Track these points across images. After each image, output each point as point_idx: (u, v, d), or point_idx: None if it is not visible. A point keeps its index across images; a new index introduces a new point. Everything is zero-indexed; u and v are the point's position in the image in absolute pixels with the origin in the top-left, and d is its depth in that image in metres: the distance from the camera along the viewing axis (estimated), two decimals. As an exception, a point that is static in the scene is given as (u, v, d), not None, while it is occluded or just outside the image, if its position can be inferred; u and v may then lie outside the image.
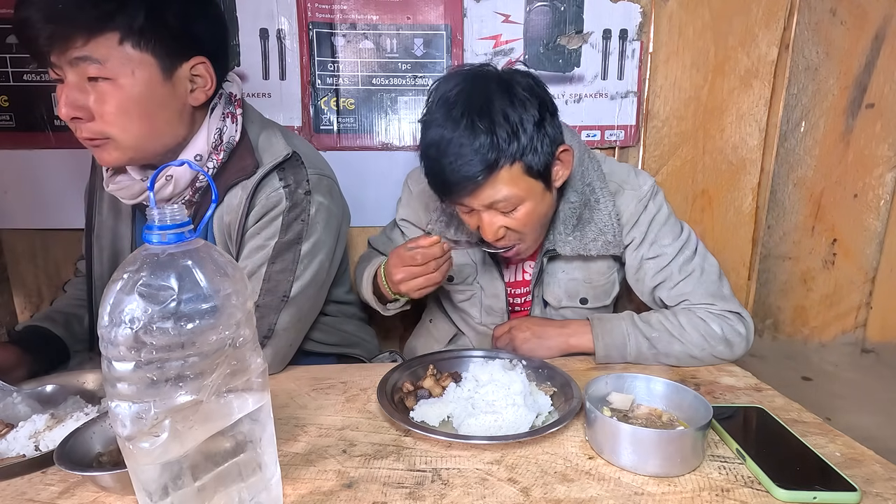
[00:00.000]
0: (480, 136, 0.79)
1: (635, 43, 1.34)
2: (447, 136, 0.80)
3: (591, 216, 0.95)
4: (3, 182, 1.33)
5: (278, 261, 0.87)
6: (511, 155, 0.81)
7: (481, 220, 0.87)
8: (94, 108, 0.74)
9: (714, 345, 0.88)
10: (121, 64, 0.73)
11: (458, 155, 0.80)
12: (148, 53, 0.75)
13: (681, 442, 0.59)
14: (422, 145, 0.86)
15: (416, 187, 1.08)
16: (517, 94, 0.81)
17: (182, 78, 0.79)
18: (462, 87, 0.82)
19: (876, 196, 1.53)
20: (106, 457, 0.61)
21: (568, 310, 1.04)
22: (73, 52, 0.71)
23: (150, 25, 0.73)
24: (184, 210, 0.45)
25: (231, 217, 0.87)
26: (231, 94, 0.89)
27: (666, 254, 0.94)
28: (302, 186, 0.88)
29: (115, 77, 0.73)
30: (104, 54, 0.72)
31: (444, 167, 0.81)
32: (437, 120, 0.82)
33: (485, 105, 0.80)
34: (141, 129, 0.77)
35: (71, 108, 0.73)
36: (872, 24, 1.42)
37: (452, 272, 1.05)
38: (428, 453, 0.64)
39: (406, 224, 1.12)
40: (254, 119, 0.92)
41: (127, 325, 0.41)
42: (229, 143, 0.86)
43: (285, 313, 0.87)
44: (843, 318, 1.62)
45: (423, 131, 0.85)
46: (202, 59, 0.80)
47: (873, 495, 0.55)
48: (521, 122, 0.80)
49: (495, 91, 0.81)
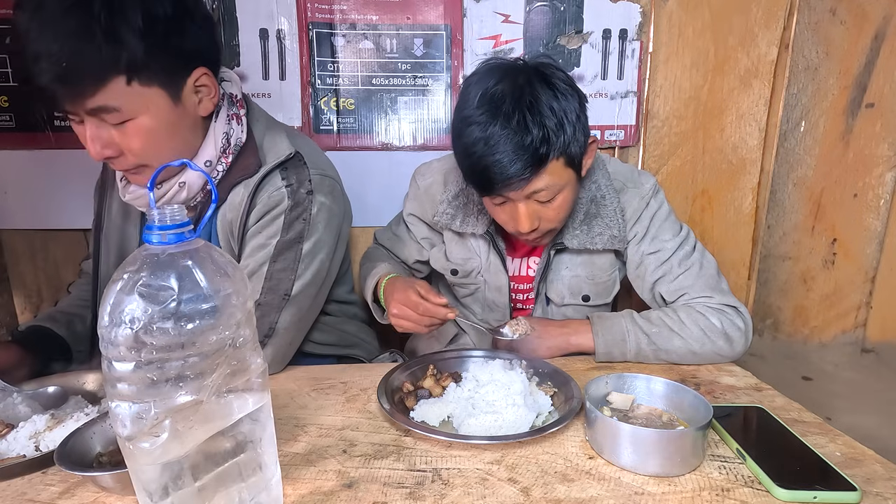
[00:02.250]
0: (533, 131, 0.79)
1: (635, 43, 1.34)
2: (496, 132, 0.80)
3: (597, 211, 0.97)
4: (3, 182, 1.33)
5: (280, 259, 0.87)
6: (559, 147, 0.82)
7: (517, 210, 0.87)
8: (122, 144, 0.77)
9: (714, 339, 0.88)
10: (134, 104, 0.75)
11: (507, 151, 0.80)
12: (155, 86, 0.76)
13: (681, 442, 0.59)
14: (462, 143, 0.85)
15: (423, 182, 1.08)
16: (559, 87, 0.82)
17: (188, 94, 0.80)
18: (505, 82, 0.82)
19: (876, 196, 1.53)
20: (106, 457, 0.61)
21: (570, 307, 1.04)
22: (88, 104, 0.72)
23: (149, 55, 0.73)
24: (184, 210, 0.45)
25: (233, 215, 0.88)
26: (231, 94, 0.89)
27: (666, 248, 0.96)
28: (304, 186, 0.88)
29: (134, 116, 0.75)
30: (117, 100, 0.73)
31: (494, 164, 0.81)
32: (480, 117, 0.82)
33: (533, 99, 0.80)
34: (168, 152, 0.80)
35: (101, 148, 0.76)
36: (872, 24, 1.42)
37: (457, 265, 1.06)
38: (428, 453, 0.64)
39: (413, 219, 1.12)
40: (259, 118, 0.93)
41: (127, 326, 0.41)
42: (237, 146, 0.88)
43: (286, 312, 0.88)
44: (843, 317, 1.62)
45: (463, 128, 0.84)
46: (203, 69, 0.81)
47: (873, 495, 0.55)
48: (566, 114, 0.82)
49: (539, 85, 0.81)
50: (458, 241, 1.06)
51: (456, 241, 1.06)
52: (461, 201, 1.02)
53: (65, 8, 0.68)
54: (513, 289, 1.06)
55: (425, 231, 1.12)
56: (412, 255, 1.14)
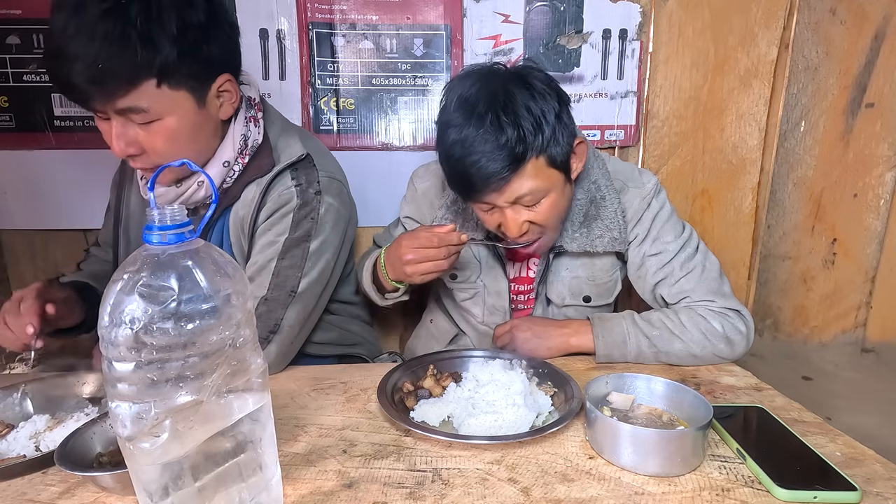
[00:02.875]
0: (507, 130, 0.80)
1: (635, 43, 1.34)
2: (471, 134, 0.81)
3: (597, 213, 0.96)
4: (3, 182, 1.33)
5: (287, 256, 0.89)
6: (537, 147, 0.82)
7: (504, 216, 0.88)
8: (145, 144, 0.79)
9: (715, 343, 0.88)
10: (162, 106, 0.77)
11: (484, 152, 0.80)
12: (183, 89, 0.78)
13: (681, 442, 0.59)
14: (442, 147, 0.86)
15: (421, 185, 1.08)
16: (536, 87, 0.82)
17: (212, 98, 0.83)
18: (481, 85, 0.83)
19: (876, 196, 1.53)
20: (106, 457, 0.61)
21: (571, 308, 1.04)
22: (118, 104, 0.74)
23: (181, 60, 0.75)
24: (184, 210, 0.45)
25: (245, 211, 0.91)
26: (250, 98, 0.92)
27: (668, 250, 0.95)
28: (313, 186, 0.91)
29: (160, 117, 0.78)
30: (146, 101, 0.75)
31: (471, 165, 0.82)
32: (457, 120, 0.82)
33: (508, 100, 0.80)
34: (189, 154, 0.82)
35: (125, 146, 0.78)
36: (872, 24, 1.42)
37: (456, 269, 1.06)
38: (428, 453, 0.64)
39: (409, 221, 1.12)
40: (274, 120, 0.96)
41: (127, 326, 0.41)
42: (253, 147, 0.90)
43: (292, 309, 0.89)
44: (843, 317, 1.62)
45: (442, 133, 0.85)
46: (227, 76, 0.83)
47: (874, 495, 0.55)
48: (544, 114, 0.81)
49: (515, 86, 0.82)
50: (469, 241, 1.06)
51: None
52: (459, 206, 1.02)
53: (103, 10, 0.69)
54: (513, 290, 1.06)
55: None
56: None
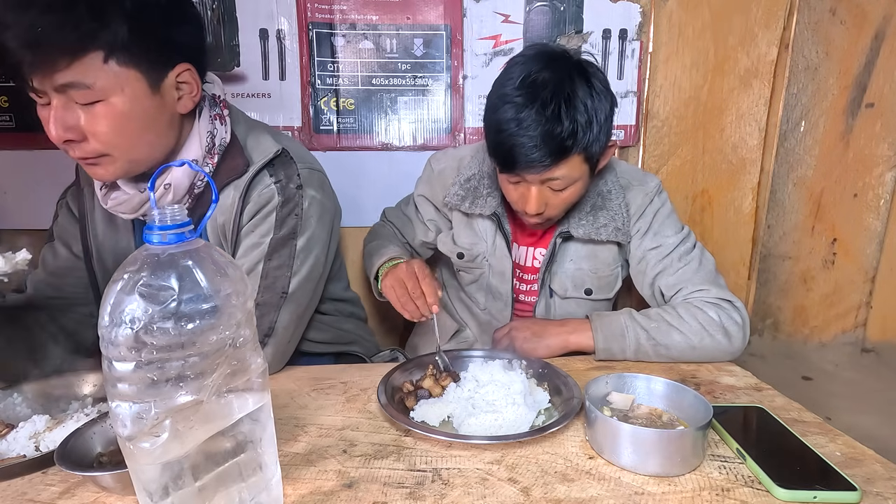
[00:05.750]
0: (564, 122, 0.83)
1: (635, 43, 1.34)
2: (530, 116, 0.83)
3: (603, 204, 1.01)
4: (3, 182, 1.33)
5: (275, 257, 0.87)
6: (584, 144, 0.85)
7: (530, 192, 0.91)
8: (87, 128, 0.72)
9: (712, 333, 0.89)
10: (108, 83, 0.71)
11: (536, 136, 0.83)
12: (133, 69, 0.72)
13: (681, 442, 0.59)
14: (495, 118, 0.87)
15: (438, 166, 1.13)
16: (596, 87, 0.86)
17: (169, 87, 0.78)
18: (549, 72, 0.84)
19: (876, 195, 1.53)
20: (106, 457, 0.61)
21: (572, 301, 1.07)
22: (59, 78, 0.68)
23: (134, 38, 0.70)
24: (184, 210, 0.45)
25: (224, 217, 0.87)
26: (214, 95, 0.88)
27: (667, 244, 1.00)
28: (293, 181, 0.88)
29: (105, 97, 0.71)
30: (91, 77, 0.69)
31: (521, 146, 0.84)
32: (518, 98, 0.84)
33: (571, 94, 0.83)
34: (135, 144, 0.76)
35: (63, 130, 0.71)
36: (872, 24, 1.42)
37: (463, 249, 1.09)
38: (428, 453, 0.64)
39: (422, 200, 1.16)
40: (239, 119, 0.92)
41: (127, 326, 0.41)
42: (221, 146, 0.86)
43: (285, 310, 0.87)
44: (843, 317, 1.62)
45: (498, 104, 0.87)
46: (187, 65, 0.78)
47: (874, 495, 0.55)
48: (597, 113, 0.85)
49: (579, 81, 0.85)
50: (465, 224, 1.09)
51: (464, 224, 1.09)
52: (472, 185, 1.06)
53: None
54: (517, 277, 1.09)
55: (432, 213, 1.16)
56: (418, 236, 1.18)
